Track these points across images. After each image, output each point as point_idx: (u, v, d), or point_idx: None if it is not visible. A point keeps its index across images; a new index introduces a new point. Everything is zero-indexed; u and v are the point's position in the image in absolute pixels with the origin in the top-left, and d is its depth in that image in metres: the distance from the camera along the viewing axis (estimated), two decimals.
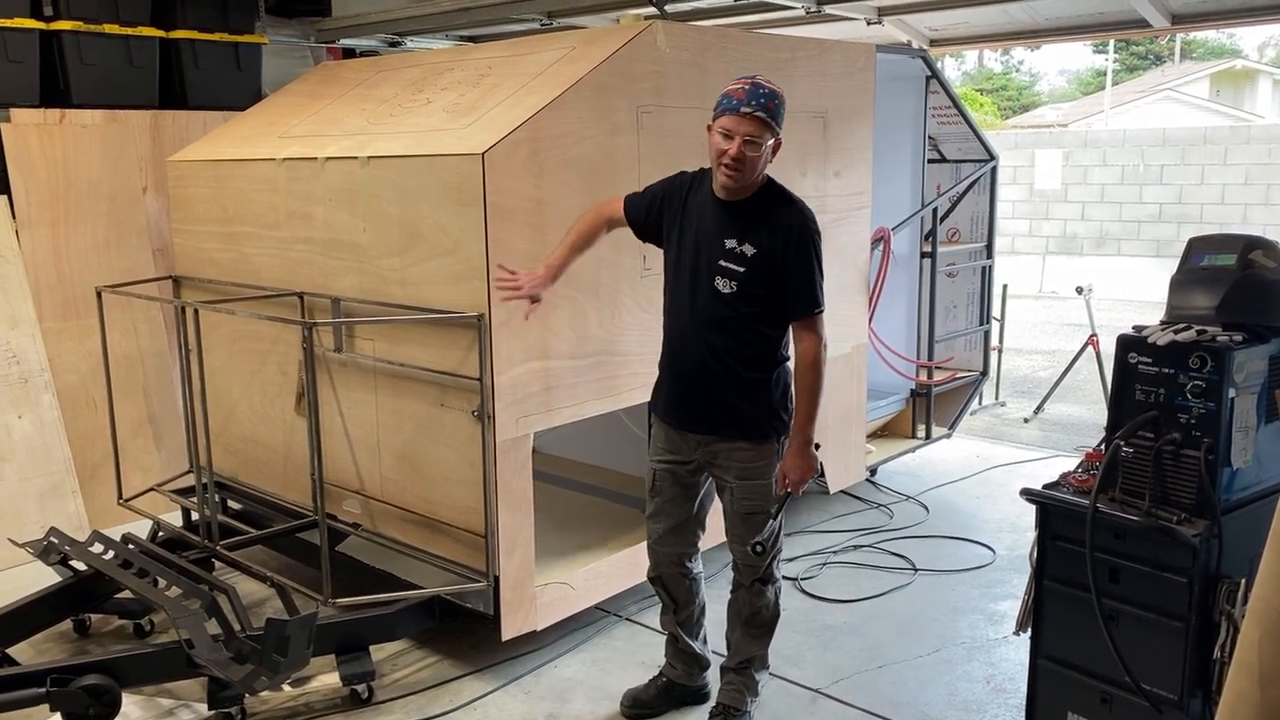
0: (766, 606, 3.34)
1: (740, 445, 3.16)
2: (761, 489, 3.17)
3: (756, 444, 3.16)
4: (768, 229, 3.03)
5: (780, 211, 3.07)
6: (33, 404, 4.94)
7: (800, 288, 3.05)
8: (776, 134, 3.00)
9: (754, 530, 3.17)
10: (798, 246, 3.03)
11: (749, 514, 3.20)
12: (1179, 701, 2.64)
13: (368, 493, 4.03)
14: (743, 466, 3.17)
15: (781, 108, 3.00)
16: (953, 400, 6.16)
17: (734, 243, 3.05)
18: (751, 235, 3.04)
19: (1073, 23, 6.04)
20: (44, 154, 5.15)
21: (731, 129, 2.94)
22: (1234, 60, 28.05)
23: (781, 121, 3.01)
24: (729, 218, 3.08)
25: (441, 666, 3.81)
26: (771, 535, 3.19)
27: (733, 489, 3.21)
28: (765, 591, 3.32)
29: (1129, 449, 2.70)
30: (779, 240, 3.02)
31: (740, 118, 2.93)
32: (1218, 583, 2.61)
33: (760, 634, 3.38)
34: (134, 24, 5.43)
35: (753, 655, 3.39)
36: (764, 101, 2.94)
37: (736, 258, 3.04)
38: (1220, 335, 2.63)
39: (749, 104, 2.93)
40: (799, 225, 3.06)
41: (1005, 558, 4.80)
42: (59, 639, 4.00)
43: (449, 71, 4.29)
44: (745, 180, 3.01)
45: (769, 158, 3.05)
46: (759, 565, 3.25)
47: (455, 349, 3.54)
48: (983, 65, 34.67)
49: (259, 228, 4.32)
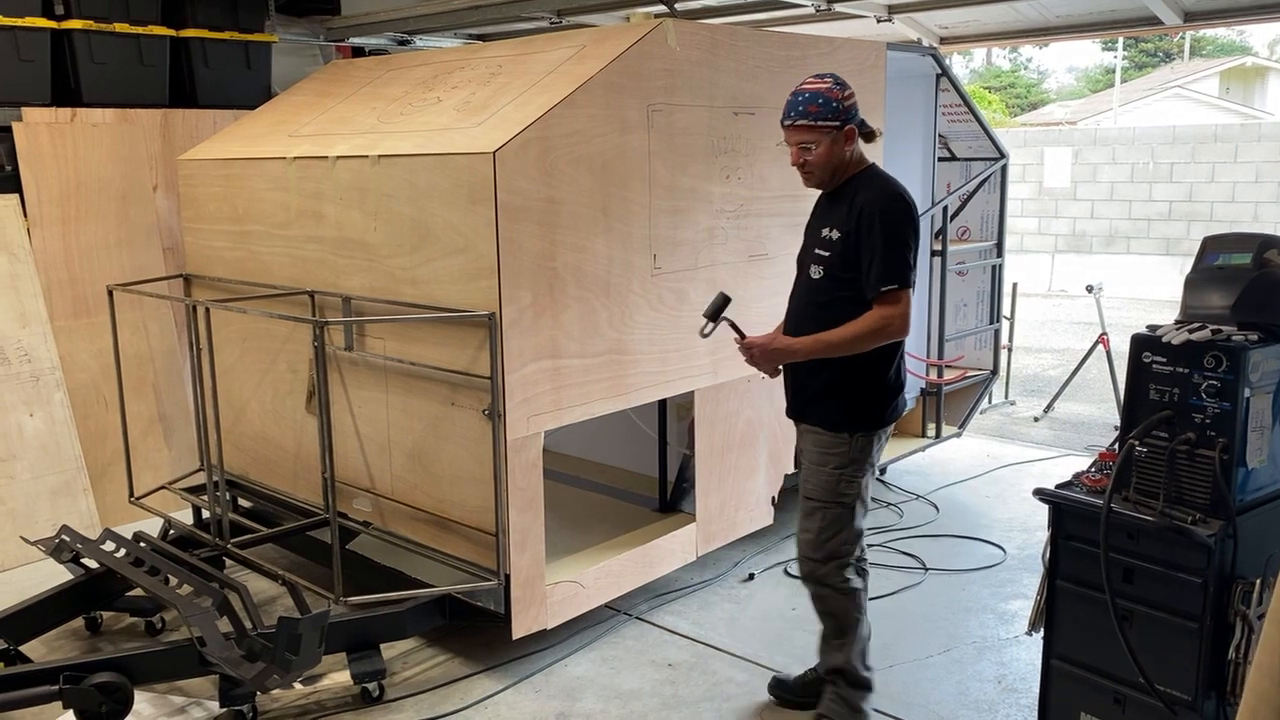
0: (834, 617, 3.26)
1: (815, 430, 3.19)
2: (824, 478, 3.17)
3: (829, 432, 3.16)
4: (850, 211, 3.09)
5: (863, 193, 3.11)
6: (44, 402, 4.96)
7: (873, 265, 3.03)
8: (832, 127, 3.06)
9: (809, 517, 3.19)
10: (869, 222, 3.04)
11: (808, 497, 3.22)
12: (1193, 702, 2.63)
13: (378, 491, 4.03)
14: (812, 450, 3.21)
15: (830, 102, 3.04)
16: (963, 399, 6.15)
17: (826, 230, 3.15)
18: (838, 220, 3.13)
19: (1084, 20, 6.02)
20: (55, 153, 5.16)
21: (788, 140, 3.14)
22: (1244, 57, 27.90)
23: (833, 114, 3.05)
24: (828, 208, 3.20)
25: (452, 665, 3.81)
26: (827, 530, 3.17)
27: (802, 472, 3.26)
28: (824, 595, 3.25)
29: (1143, 448, 2.69)
30: (854, 220, 3.07)
31: (787, 131, 3.12)
32: (1232, 583, 2.59)
33: (834, 640, 3.28)
34: (144, 23, 5.44)
35: (836, 666, 3.29)
36: (804, 108, 3.05)
37: (826, 243, 3.14)
38: (1235, 334, 2.62)
39: (788, 117, 3.09)
40: (872, 201, 3.07)
41: (1016, 557, 4.78)
42: (71, 636, 4.01)
43: (459, 70, 4.29)
44: (821, 178, 3.15)
45: (843, 147, 3.10)
46: (810, 559, 3.22)
47: (466, 348, 3.54)
48: (991, 63, 34.59)
49: (269, 226, 4.33)
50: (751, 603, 4.31)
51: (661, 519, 4.45)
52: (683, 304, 4.05)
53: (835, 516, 3.18)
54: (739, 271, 4.26)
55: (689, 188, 4.01)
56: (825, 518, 3.18)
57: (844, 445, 3.15)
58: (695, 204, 4.05)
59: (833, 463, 3.16)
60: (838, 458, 3.16)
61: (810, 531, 3.21)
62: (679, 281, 4.03)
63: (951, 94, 5.73)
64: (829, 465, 3.17)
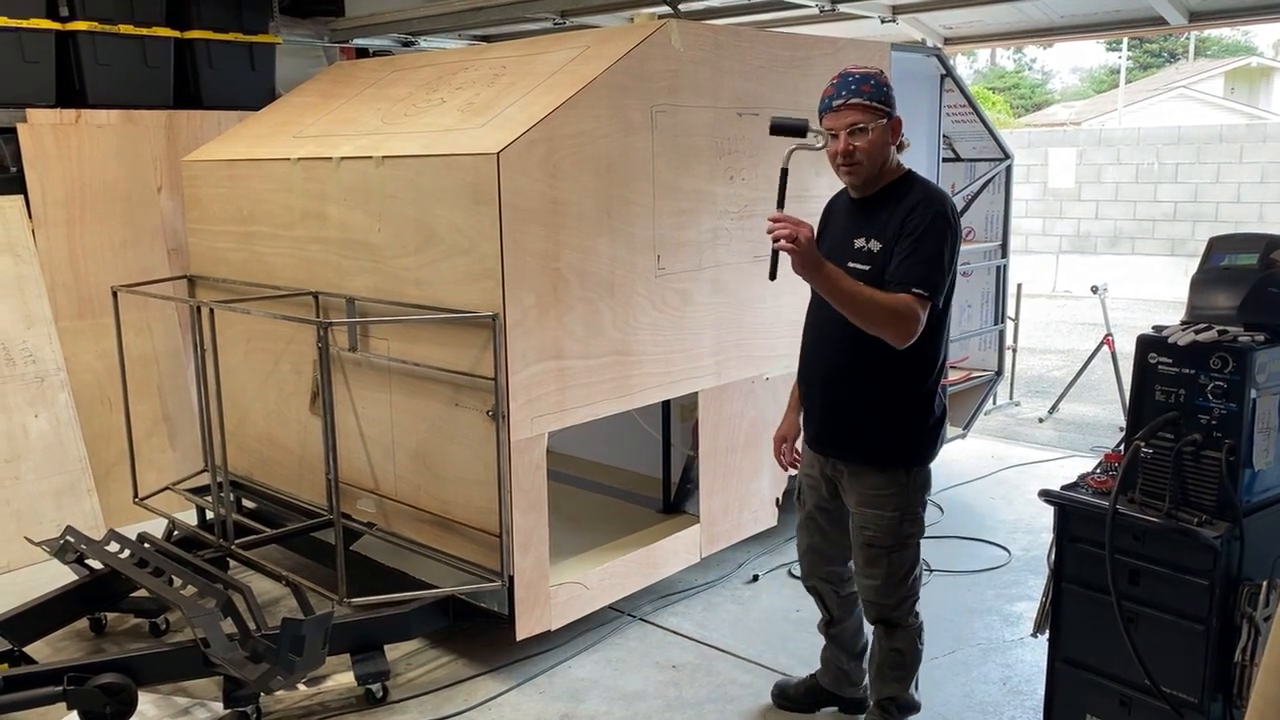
0: (900, 653, 3.09)
1: (863, 470, 2.94)
2: (884, 521, 2.93)
3: (881, 469, 2.92)
4: (893, 219, 2.81)
5: (907, 199, 2.82)
6: (49, 403, 4.96)
7: (905, 261, 2.73)
8: (887, 114, 2.80)
9: (873, 564, 2.97)
10: (912, 226, 2.75)
11: (869, 544, 2.97)
12: (1199, 704, 2.62)
13: (382, 492, 4.03)
14: (864, 493, 2.95)
15: (881, 86, 2.79)
16: (967, 400, 6.14)
17: (862, 241, 2.85)
18: (878, 229, 2.82)
19: (1089, 20, 6.00)
20: (60, 154, 5.17)
21: (833, 126, 2.80)
22: (1249, 58, 27.82)
23: (886, 99, 2.80)
24: (861, 216, 2.89)
25: (456, 666, 3.81)
26: (896, 574, 2.97)
27: (853, 516, 3.01)
28: (895, 636, 3.07)
29: (1149, 450, 2.68)
30: (898, 225, 2.79)
31: (837, 113, 2.79)
32: (1239, 585, 2.59)
33: (898, 676, 3.13)
34: (149, 24, 5.44)
35: (892, 695, 3.16)
36: (856, 87, 2.77)
37: (864, 256, 2.83)
38: (1242, 335, 2.61)
39: (840, 95, 2.78)
40: (920, 208, 2.78)
41: (1021, 559, 4.77)
42: (75, 637, 4.02)
43: (463, 71, 4.28)
44: (868, 172, 2.83)
45: (889, 140, 2.83)
46: (882, 604, 3.02)
47: (470, 348, 3.54)
48: (995, 63, 34.54)
49: (274, 227, 4.33)
50: (756, 604, 4.30)
51: (665, 520, 4.45)
52: (686, 305, 4.04)
53: (903, 559, 2.96)
54: (743, 272, 4.25)
55: (693, 189, 4.01)
56: (893, 562, 2.95)
57: (902, 483, 2.92)
58: (699, 205, 4.04)
59: (892, 504, 2.92)
60: (897, 498, 2.91)
61: (877, 578, 2.98)
62: (683, 282, 4.02)
63: (956, 94, 5.72)
64: (887, 508, 2.92)
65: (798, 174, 3.10)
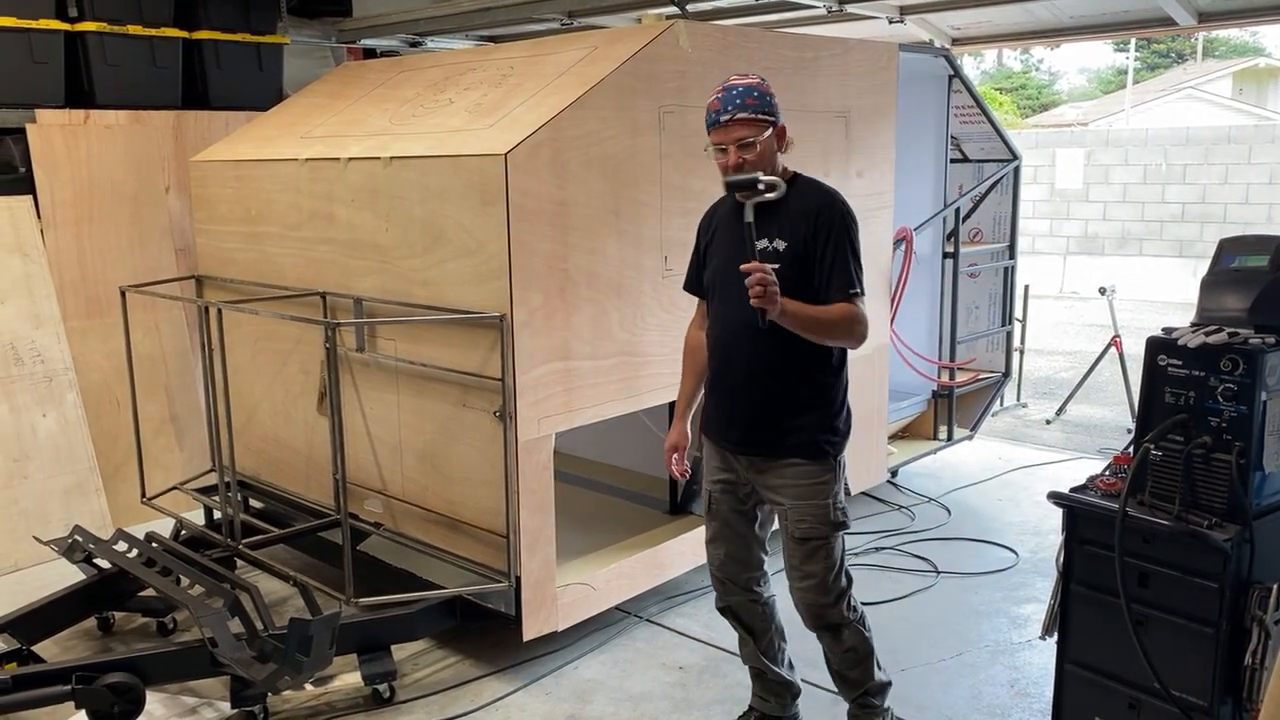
0: (852, 649, 3.07)
1: (794, 462, 2.96)
2: (820, 510, 2.95)
3: (812, 460, 2.95)
4: (795, 219, 2.89)
5: (807, 199, 2.92)
6: (57, 402, 4.98)
7: (834, 268, 2.85)
8: (772, 123, 2.87)
9: (811, 558, 2.96)
10: (827, 228, 2.86)
11: (805, 538, 2.96)
12: (1208, 708, 2.60)
13: (389, 492, 4.03)
14: (797, 485, 2.96)
15: (765, 96, 2.86)
16: (974, 401, 6.12)
17: (764, 243, 2.88)
18: (780, 230, 2.89)
19: (1097, 21, 5.98)
20: (68, 154, 5.19)
21: (722, 141, 2.86)
22: (1257, 58, 27.75)
23: (770, 109, 2.86)
24: (757, 218, 2.85)
25: (462, 666, 3.81)
26: (833, 566, 2.98)
27: (787, 511, 2.99)
28: (840, 635, 3.05)
29: (1158, 452, 2.67)
30: (808, 226, 2.87)
31: (724, 128, 2.84)
32: (1249, 588, 2.57)
33: (861, 672, 3.10)
34: (157, 25, 5.46)
35: (863, 689, 3.13)
36: (741, 100, 2.83)
37: (769, 256, 2.87)
38: (1252, 338, 2.60)
39: (726, 110, 2.84)
40: (827, 207, 2.90)
41: (1028, 560, 4.76)
42: (83, 636, 4.03)
43: (471, 72, 4.29)
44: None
45: (775, 149, 2.90)
46: (822, 604, 3.01)
47: (477, 349, 3.54)
48: (1002, 64, 34.48)
49: (281, 228, 4.33)
50: None
51: (672, 521, 4.44)
52: (694, 306, 4.03)
53: (834, 547, 2.99)
54: None
55: (700, 189, 4.00)
56: (828, 553, 2.97)
57: (831, 470, 2.98)
58: (707, 206, 4.02)
59: (824, 493, 2.95)
60: (829, 486, 2.96)
61: (815, 576, 2.98)
62: None
63: (964, 95, 5.71)
64: (820, 497, 2.95)
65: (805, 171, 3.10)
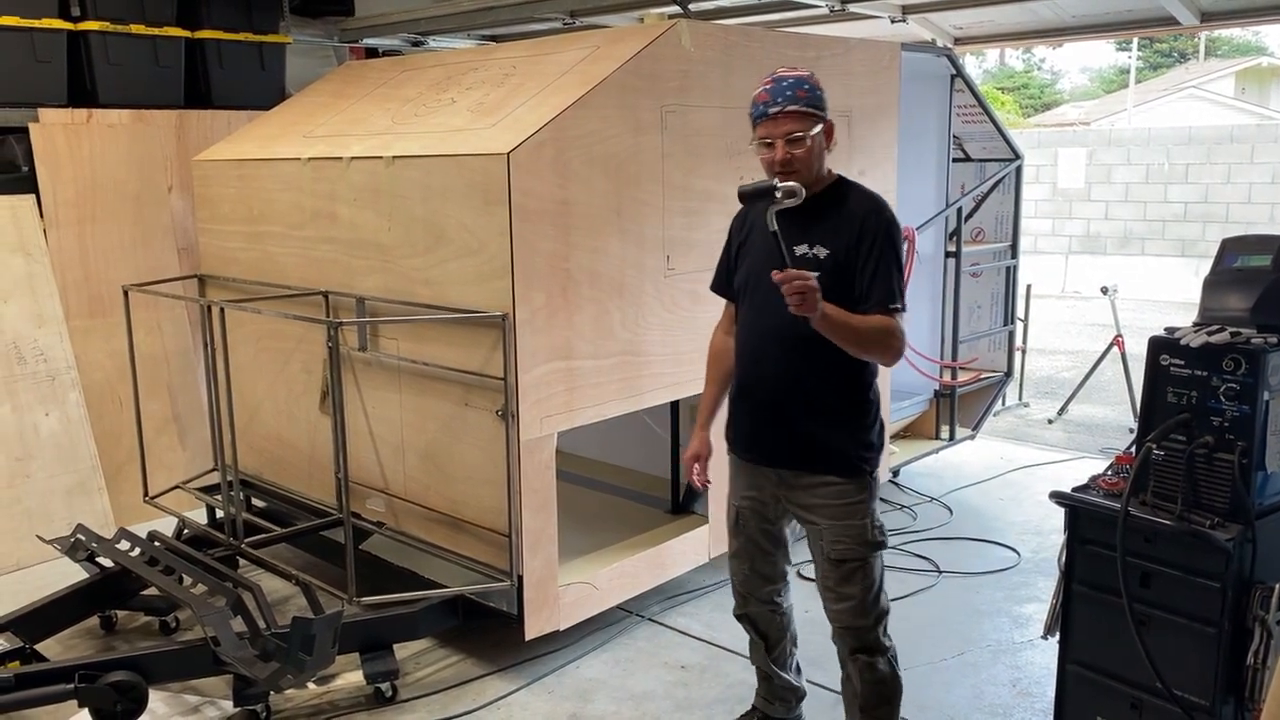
0: (883, 682, 2.89)
1: (828, 480, 2.81)
2: (856, 530, 2.79)
3: (847, 478, 2.80)
4: (839, 226, 2.75)
5: (851, 206, 2.78)
6: (59, 402, 4.98)
7: (875, 279, 2.70)
8: (822, 119, 2.73)
9: (848, 581, 2.81)
10: (871, 238, 2.72)
11: (842, 560, 2.81)
12: (1210, 708, 2.61)
13: (392, 491, 4.03)
14: (832, 505, 2.81)
15: (815, 90, 2.73)
16: (976, 401, 6.12)
17: (804, 248, 2.74)
18: (823, 236, 2.75)
19: (1100, 20, 5.98)
20: (71, 153, 5.19)
21: (769, 134, 2.72)
22: (1259, 58, 27.71)
23: (821, 103, 2.74)
24: (798, 224, 2.74)
25: (464, 665, 3.82)
26: (872, 587, 2.82)
27: (822, 531, 2.84)
28: (876, 664, 2.88)
29: (1160, 452, 2.67)
30: (851, 235, 2.73)
31: (773, 120, 2.70)
32: (1251, 588, 2.57)
33: (886, 714, 2.92)
34: (160, 24, 5.47)
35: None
36: (790, 93, 2.69)
37: (808, 263, 2.72)
38: (1255, 337, 2.60)
39: (775, 102, 2.69)
40: (873, 214, 2.76)
41: (1030, 560, 4.76)
42: (86, 635, 4.03)
43: (473, 71, 4.29)
44: (805, 180, 2.69)
45: (824, 147, 2.77)
46: (860, 628, 2.86)
47: (479, 348, 3.54)
48: (1004, 63, 34.45)
49: (284, 227, 4.34)
50: None
51: (674, 520, 4.44)
52: (696, 305, 4.04)
53: (873, 567, 2.83)
54: None
55: (702, 189, 4.00)
56: (868, 574, 2.81)
57: (866, 488, 2.82)
58: (709, 205, 4.04)
59: (860, 512, 2.80)
60: (865, 505, 2.80)
61: (853, 598, 2.82)
62: (692, 283, 4.02)
63: (966, 95, 5.71)
64: (856, 516, 2.79)
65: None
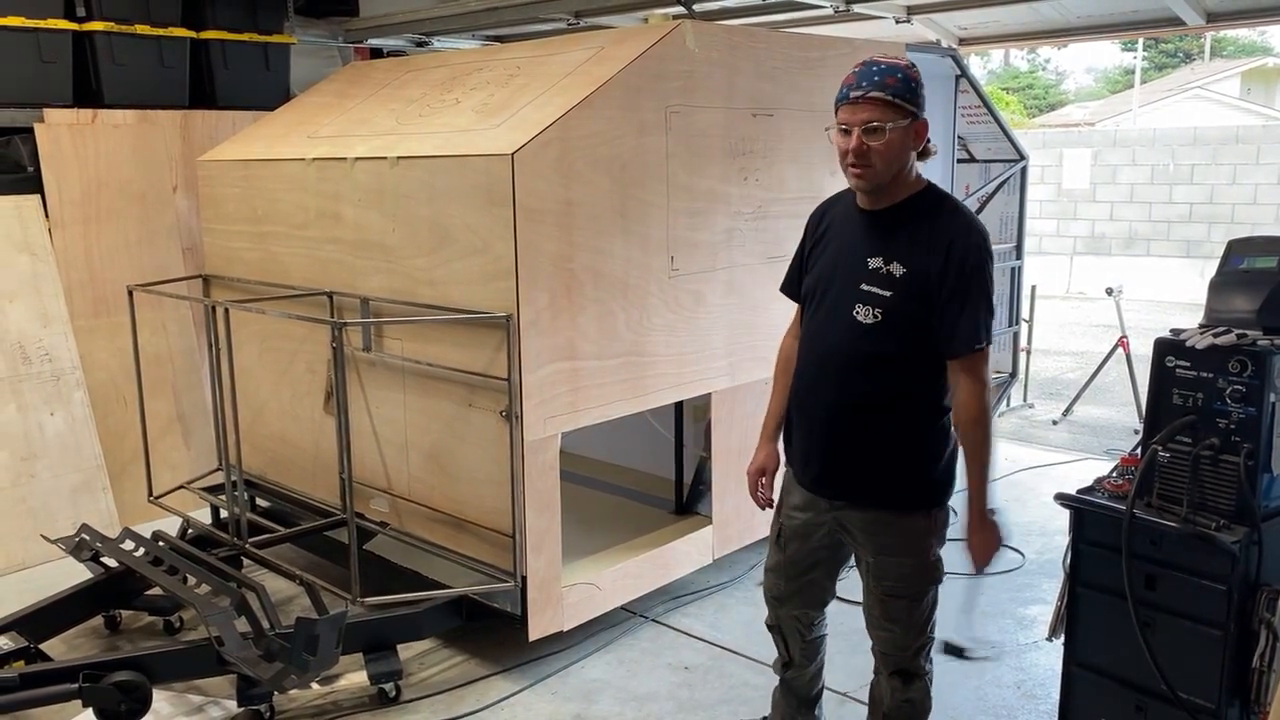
0: (913, 704, 2.76)
1: (880, 516, 2.61)
2: (905, 570, 2.61)
3: (900, 515, 2.60)
4: (923, 243, 2.47)
5: (941, 222, 2.48)
6: (64, 401, 4.99)
7: (963, 316, 2.43)
8: (911, 115, 2.44)
9: (892, 617, 2.67)
10: (960, 265, 2.43)
11: (888, 597, 2.65)
12: (1216, 710, 2.60)
13: (395, 492, 4.03)
14: (881, 541, 2.62)
15: (910, 82, 2.44)
16: None
17: (879, 262, 2.50)
18: (901, 252, 2.48)
19: (1105, 21, 5.97)
20: (76, 153, 5.20)
21: (847, 121, 2.45)
22: (1265, 58, 27.64)
23: (913, 97, 2.44)
24: (874, 232, 2.53)
25: (468, 666, 3.81)
26: (917, 622, 2.67)
27: (869, 565, 2.66)
28: (909, 689, 2.74)
29: (1166, 454, 2.66)
30: (937, 257, 2.44)
31: (854, 105, 2.43)
32: (1257, 590, 2.57)
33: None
34: (165, 24, 5.47)
35: None
36: (880, 79, 2.41)
37: (882, 279, 2.49)
38: (1261, 339, 2.59)
39: (860, 86, 2.42)
40: (963, 239, 2.45)
41: (1035, 562, 4.75)
42: (90, 635, 4.04)
43: (477, 72, 4.29)
44: (879, 178, 2.47)
45: (910, 146, 2.47)
46: (899, 655, 2.73)
47: (483, 349, 3.54)
48: (1009, 64, 34.41)
49: (288, 227, 4.34)
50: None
51: (678, 521, 4.44)
52: (700, 306, 4.04)
53: (924, 606, 2.67)
54: (756, 274, 4.24)
55: (707, 189, 4.00)
56: (914, 612, 2.66)
57: (923, 528, 2.61)
58: (713, 205, 4.04)
59: (914, 551, 2.61)
60: (919, 544, 2.61)
61: (898, 625, 2.67)
62: (696, 283, 4.02)
63: (971, 95, 5.70)
64: (910, 554, 2.60)
65: (819, 176, 3.07)
